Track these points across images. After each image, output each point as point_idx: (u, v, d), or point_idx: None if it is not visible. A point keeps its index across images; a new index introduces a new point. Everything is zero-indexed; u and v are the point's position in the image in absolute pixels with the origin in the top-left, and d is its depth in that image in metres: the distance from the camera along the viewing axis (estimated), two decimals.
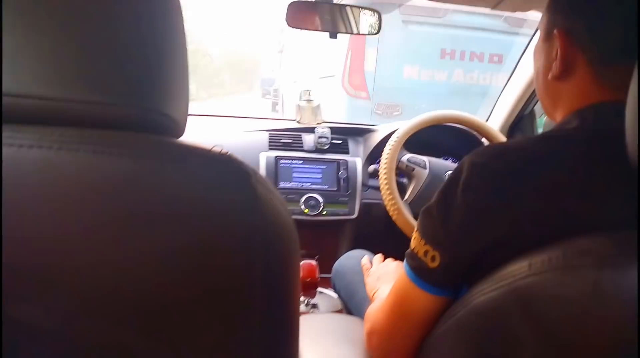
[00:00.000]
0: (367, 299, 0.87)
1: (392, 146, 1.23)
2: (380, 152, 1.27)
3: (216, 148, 0.34)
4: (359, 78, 3.50)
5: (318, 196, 1.40)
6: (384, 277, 0.86)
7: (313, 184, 1.43)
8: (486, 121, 1.50)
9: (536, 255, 0.42)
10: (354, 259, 1.06)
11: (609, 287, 0.36)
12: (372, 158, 1.49)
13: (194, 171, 0.32)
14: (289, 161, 1.43)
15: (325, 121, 1.63)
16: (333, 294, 1.36)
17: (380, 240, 1.53)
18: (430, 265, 0.52)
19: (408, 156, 1.29)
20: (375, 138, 1.49)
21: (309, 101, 1.61)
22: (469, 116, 1.34)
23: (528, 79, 1.37)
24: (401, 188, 1.27)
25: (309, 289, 1.23)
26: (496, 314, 0.44)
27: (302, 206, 1.38)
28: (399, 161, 1.26)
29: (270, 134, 1.49)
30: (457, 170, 0.52)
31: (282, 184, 1.41)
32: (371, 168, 1.47)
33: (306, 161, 1.44)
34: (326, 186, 1.43)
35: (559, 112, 0.56)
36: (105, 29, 0.32)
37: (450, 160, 1.43)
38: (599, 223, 0.42)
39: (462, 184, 0.50)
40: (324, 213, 1.40)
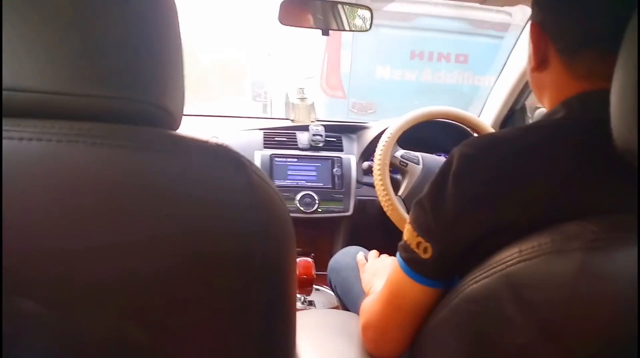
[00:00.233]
0: (363, 295, 0.87)
1: (386, 143, 1.24)
2: (374, 149, 1.27)
3: (213, 139, 0.34)
4: (335, 79, 3.63)
5: (313, 194, 1.40)
6: (379, 273, 0.86)
7: (308, 181, 1.43)
8: (478, 117, 1.50)
9: (526, 241, 0.42)
10: (350, 255, 1.06)
11: (595, 269, 0.37)
12: (366, 155, 1.49)
13: (191, 160, 0.33)
14: (284, 159, 1.44)
15: (319, 119, 1.63)
16: (329, 291, 1.37)
17: (375, 236, 1.53)
18: (422, 256, 0.53)
19: (401, 152, 1.29)
20: (369, 135, 1.49)
21: (302, 99, 1.61)
22: (461, 111, 1.34)
23: (518, 74, 1.38)
24: (395, 184, 1.28)
25: (305, 286, 1.23)
26: (488, 299, 0.45)
27: (297, 204, 1.38)
28: (393, 157, 1.27)
29: (264, 132, 1.49)
30: (448, 162, 0.52)
31: (277, 182, 1.41)
32: (365, 165, 1.47)
33: (301, 158, 1.45)
34: (321, 184, 1.44)
35: (546, 103, 0.57)
36: (102, 23, 0.33)
37: (443, 156, 1.44)
38: (589, 210, 0.43)
39: (452, 175, 0.50)
40: (319, 211, 1.40)
